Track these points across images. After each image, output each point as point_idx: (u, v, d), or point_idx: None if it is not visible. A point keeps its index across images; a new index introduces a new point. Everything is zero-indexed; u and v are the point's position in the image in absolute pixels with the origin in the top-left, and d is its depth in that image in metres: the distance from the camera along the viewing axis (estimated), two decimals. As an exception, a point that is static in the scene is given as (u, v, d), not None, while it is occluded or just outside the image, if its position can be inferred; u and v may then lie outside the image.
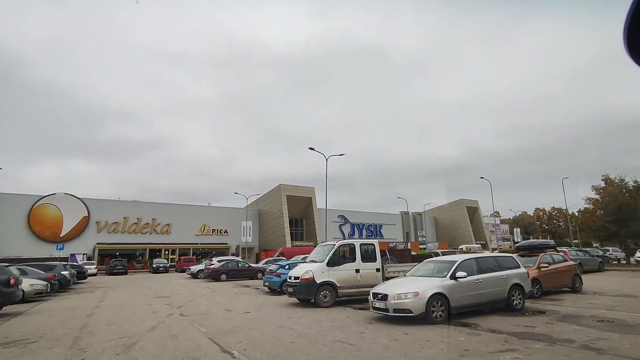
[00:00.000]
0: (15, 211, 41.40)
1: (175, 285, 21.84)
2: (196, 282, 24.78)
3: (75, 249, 43.27)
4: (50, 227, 42.70)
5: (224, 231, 55.25)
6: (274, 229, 56.38)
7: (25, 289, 13.82)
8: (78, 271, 24.70)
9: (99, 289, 19.83)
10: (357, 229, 65.64)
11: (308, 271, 10.85)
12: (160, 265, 37.88)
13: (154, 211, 49.91)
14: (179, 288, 19.81)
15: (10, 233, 40.68)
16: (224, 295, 14.97)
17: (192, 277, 28.78)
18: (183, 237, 51.00)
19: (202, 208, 55.31)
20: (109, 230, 46.30)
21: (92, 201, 46.13)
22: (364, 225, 66.75)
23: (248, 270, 25.81)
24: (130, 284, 23.46)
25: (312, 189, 60.19)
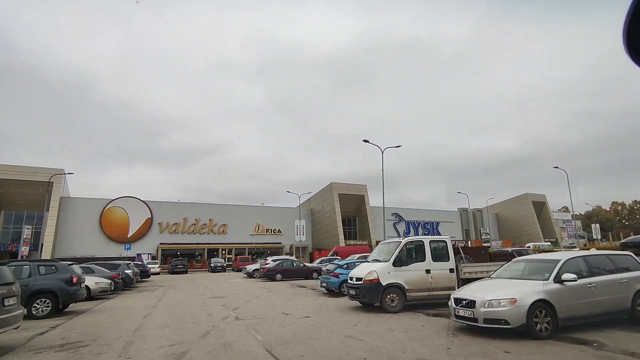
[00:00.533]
0: (89, 214, 44.65)
1: (231, 285, 21.71)
2: (252, 281, 24.58)
3: (141, 249, 45.74)
4: (119, 229, 45.53)
5: (278, 231, 55.58)
6: (327, 228, 55.73)
7: (91, 287, 14.11)
8: (141, 270, 25.58)
9: (160, 288, 20.17)
10: (413, 227, 63.00)
11: (372, 272, 9.66)
12: (217, 265, 38.68)
13: (211, 212, 51.44)
14: (235, 288, 19.56)
15: (85, 234, 43.93)
16: (280, 297, 14.25)
17: (248, 277, 28.76)
18: (238, 237, 52.03)
19: (256, 208, 56.12)
20: (170, 231, 48.44)
21: (154, 203, 48.53)
22: (420, 223, 63.89)
23: (303, 270, 25.15)
24: (189, 283, 23.79)
25: (364, 187, 58.73)
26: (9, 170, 40.07)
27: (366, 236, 57.17)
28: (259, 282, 23.27)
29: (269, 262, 26.65)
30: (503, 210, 75.30)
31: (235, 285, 21.22)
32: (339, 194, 55.37)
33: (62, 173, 42.38)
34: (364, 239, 56.68)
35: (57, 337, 7.38)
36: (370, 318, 8.73)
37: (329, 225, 55.34)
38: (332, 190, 55.35)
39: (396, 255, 9.87)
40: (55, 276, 10.17)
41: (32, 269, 10.11)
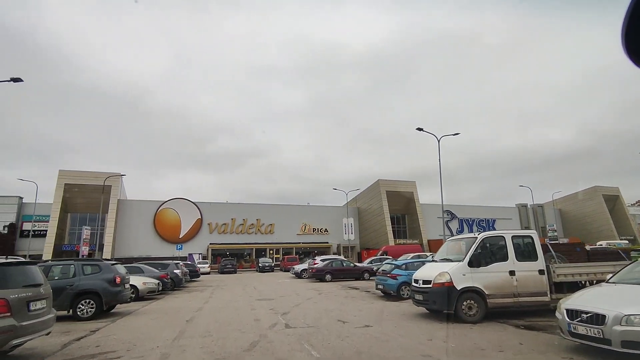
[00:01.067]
0: (144, 215, 46.45)
1: (279, 286, 20.88)
2: (300, 282, 23.65)
3: (192, 249, 46.84)
4: (171, 229, 46.95)
5: (324, 230, 54.65)
6: (375, 227, 53.88)
7: (139, 287, 13.77)
8: (191, 270, 25.59)
9: (208, 288, 19.79)
10: (467, 224, 59.30)
11: (443, 273, 8.10)
12: (265, 265, 38.41)
13: (258, 212, 51.62)
14: (283, 289, 18.66)
15: (141, 235, 45.74)
16: (332, 300, 13.03)
17: (296, 277, 27.93)
18: (285, 236, 51.76)
19: (302, 207, 55.57)
20: (219, 231, 49.20)
21: (204, 204, 49.54)
22: (474, 220, 59.99)
23: (354, 270, 23.80)
24: (237, 283, 23.36)
25: (413, 184, 56.17)
26: (72, 175, 42.64)
27: (416, 235, 54.60)
28: (308, 283, 22.27)
29: (318, 261, 25.61)
30: (568, 205, 68.93)
31: (284, 286, 20.35)
32: (386, 192, 53.31)
33: (117, 175, 44.44)
34: (414, 237, 54.16)
35: (92, 345, 6.67)
36: (445, 330, 7.20)
37: (377, 224, 53.45)
38: (379, 187, 53.42)
39: (472, 254, 8.23)
40: (99, 276, 9.69)
41: (77, 269, 9.71)
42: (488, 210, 61.90)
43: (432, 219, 56.31)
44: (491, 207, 63.12)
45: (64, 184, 42.12)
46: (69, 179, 42.41)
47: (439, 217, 59.14)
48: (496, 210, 62.68)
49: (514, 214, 64.46)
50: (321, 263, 24.88)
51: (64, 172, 42.73)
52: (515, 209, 65.14)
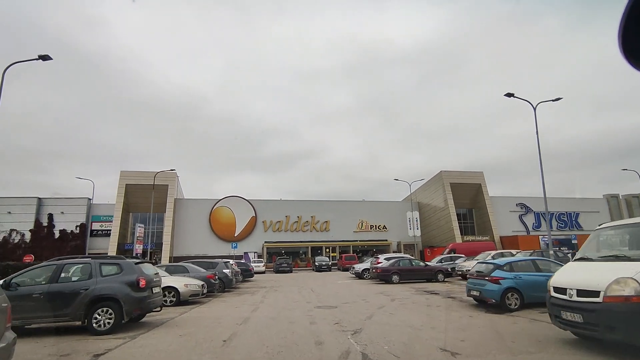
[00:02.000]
0: (200, 214, 46.41)
1: (340, 288, 18.23)
2: (363, 283, 20.84)
3: (247, 247, 45.96)
4: (226, 228, 46.44)
5: (383, 227, 51.23)
6: (438, 223, 49.40)
7: (181, 289, 11.85)
8: (244, 269, 23.87)
9: (261, 290, 17.68)
10: (544, 219, 52.33)
11: (626, 280, 4.85)
12: (322, 264, 36.09)
13: (313, 209, 49.59)
14: (346, 292, 15.98)
15: (197, 233, 45.73)
16: (414, 310, 10.06)
17: (357, 277, 25.17)
18: (341, 234, 49.18)
19: (359, 204, 52.61)
20: (273, 229, 47.87)
21: (258, 202, 48.52)
22: (554, 214, 52.79)
23: (424, 271, 20.45)
24: (292, 284, 21.13)
25: (480, 174, 50.78)
26: (132, 175, 43.59)
27: (485, 231, 49.18)
28: (372, 285, 19.38)
29: (382, 260, 22.61)
30: (673, 195, 58.78)
31: (346, 289, 17.66)
32: (450, 184, 48.62)
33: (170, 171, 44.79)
34: (484, 234, 48.79)
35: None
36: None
37: (441, 220, 48.94)
38: (442, 179, 48.87)
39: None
40: (119, 278, 7.65)
41: (94, 268, 7.74)
42: (570, 203, 54.29)
43: (503, 214, 50.59)
44: (573, 199, 55.33)
45: (125, 184, 43.16)
46: (129, 179, 43.39)
47: (512, 210, 53.28)
48: (579, 202, 54.85)
49: (602, 206, 56.17)
50: (385, 262, 21.85)
51: (125, 172, 43.83)
52: (602, 201, 56.78)
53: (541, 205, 52.60)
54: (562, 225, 52.55)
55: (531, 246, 44.22)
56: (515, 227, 50.97)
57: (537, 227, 51.74)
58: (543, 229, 51.47)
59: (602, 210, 55.47)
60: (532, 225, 51.76)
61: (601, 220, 44.03)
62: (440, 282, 19.84)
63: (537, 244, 44.21)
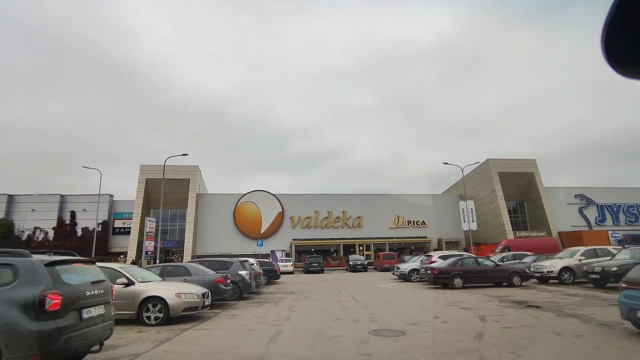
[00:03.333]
0: (224, 210, 43.41)
1: (389, 295, 14.16)
2: (415, 288, 16.64)
3: (274, 245, 42.58)
4: (252, 224, 43.23)
5: (421, 222, 46.46)
6: (485, 217, 43.99)
7: (170, 301, 8.19)
8: (268, 269, 20.21)
9: (287, 297, 13.87)
10: (609, 212, 45.88)
11: None
12: (357, 263, 32.01)
13: (344, 203, 45.55)
14: (401, 302, 11.91)
15: (221, 230, 42.74)
16: (547, 345, 5.86)
17: (402, 279, 20.98)
18: (376, 230, 44.86)
19: (394, 197, 47.96)
20: (302, 225, 44.23)
21: (284, 196, 45.03)
22: (620, 206, 46.20)
23: (495, 272, 15.95)
24: (327, 288, 17.23)
25: (532, 162, 44.97)
26: (152, 170, 41.12)
27: (540, 225, 43.37)
28: (428, 290, 15.17)
29: (436, 259, 18.28)
30: None
31: (398, 297, 13.56)
32: (498, 173, 43.18)
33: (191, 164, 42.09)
34: (538, 229, 43.00)
35: None
36: None
37: (488, 214, 43.58)
38: (489, 168, 43.50)
39: None
40: (5, 294, 3.96)
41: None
42: (637, 193, 47.34)
43: (560, 206, 44.52)
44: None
45: (145, 179, 40.78)
46: (149, 173, 40.97)
47: (570, 202, 46.97)
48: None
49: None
50: (441, 261, 17.55)
51: (145, 167, 41.47)
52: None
53: (604, 196, 46.34)
54: (632, 220, 45.84)
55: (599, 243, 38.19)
56: (574, 221, 44.82)
57: (600, 222, 45.29)
58: (608, 224, 45.04)
59: (676, 201, 48.15)
60: (594, 219, 45.38)
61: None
62: (517, 287, 15.32)
63: (606, 241, 38.15)
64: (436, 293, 14.27)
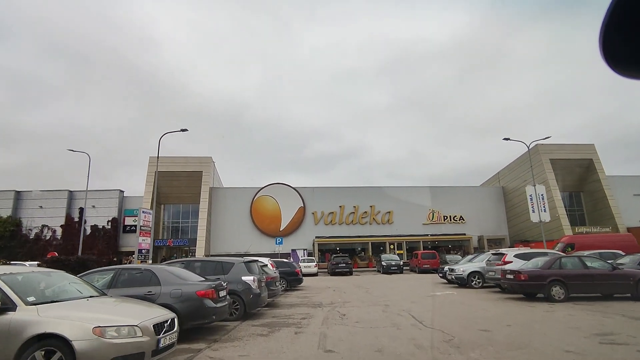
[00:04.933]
0: (240, 205, 39.56)
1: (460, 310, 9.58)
2: (488, 299, 11.97)
3: (295, 243, 38.41)
4: (270, 220, 39.20)
5: (459, 218, 41.26)
6: (533, 212, 38.33)
7: (79, 346, 3.93)
8: (288, 272, 15.92)
9: (315, 315, 9.50)
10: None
11: None
12: (391, 264, 27.38)
13: (371, 197, 40.86)
14: (494, 326, 7.32)
15: (237, 227, 38.88)
16: None
17: (454, 284, 16.32)
18: (408, 227, 39.96)
19: (428, 190, 42.84)
20: (325, 221, 39.85)
21: (306, 190, 40.76)
22: (698, 198, 39.52)
23: (612, 279, 11.05)
24: (365, 298, 12.77)
25: (590, 147, 38.98)
26: (162, 162, 37.68)
27: (602, 220, 37.38)
28: (512, 303, 10.48)
29: (511, 258, 13.51)
30: None
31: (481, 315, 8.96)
32: (550, 160, 37.53)
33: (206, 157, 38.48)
34: (599, 223, 37.04)
35: None
36: None
37: (539, 207, 37.89)
38: (539, 155, 37.85)
39: None
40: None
41: None
42: None
43: (623, 198, 38.33)
44: None
45: (155, 172, 37.32)
46: (160, 166, 37.47)
47: (637, 194, 40.67)
48: None
49: None
50: (519, 262, 12.80)
51: (155, 159, 37.98)
52: None
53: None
54: None
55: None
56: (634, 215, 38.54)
57: (673, 216, 38.77)
58: (683, 218, 38.54)
59: None
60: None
61: None
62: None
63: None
64: (533, 309, 9.59)
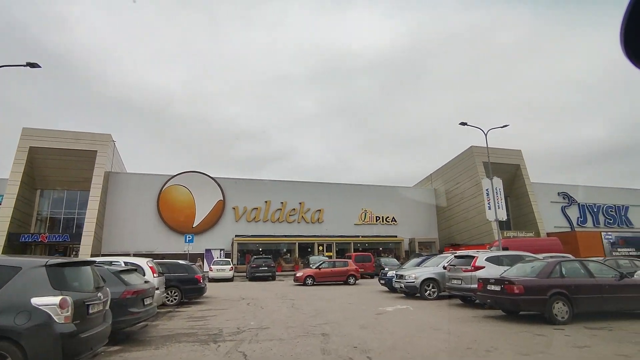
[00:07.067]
0: (146, 194, 32.81)
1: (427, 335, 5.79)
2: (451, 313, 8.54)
3: (211, 242, 32.89)
4: (182, 215, 33.07)
5: (392, 219, 39.24)
6: (466, 215, 37.77)
7: None
8: (182, 279, 11.07)
9: None
10: (590, 212, 41.86)
11: None
12: (321, 267, 23.54)
13: (301, 193, 36.93)
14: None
15: (140, 222, 32.12)
16: None
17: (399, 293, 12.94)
18: (339, 227, 36.80)
19: (362, 188, 40.30)
20: (248, 218, 34.91)
21: (227, 181, 35.40)
22: (600, 207, 42.43)
23: (622, 292, 8.22)
24: (288, 319, 8.50)
25: (517, 153, 39.61)
26: (40, 136, 29.60)
27: (525, 225, 37.99)
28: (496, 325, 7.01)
29: (483, 263, 10.31)
30: None
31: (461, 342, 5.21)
32: (483, 163, 37.21)
33: (103, 134, 31.27)
34: (524, 228, 37.55)
35: None
36: None
37: (470, 210, 37.37)
38: (473, 158, 37.36)
39: None
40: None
41: None
42: (617, 194, 44.08)
43: (543, 205, 39.53)
44: (621, 188, 45.25)
45: (29, 147, 29.12)
46: (37, 140, 29.40)
47: (553, 201, 42.33)
48: (629, 194, 44.77)
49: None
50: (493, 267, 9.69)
51: (29, 130, 29.70)
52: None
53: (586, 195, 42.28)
54: (610, 221, 42.20)
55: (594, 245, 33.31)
56: (556, 220, 40.17)
57: (582, 223, 41.06)
58: (589, 225, 40.97)
59: (650, 203, 45.68)
60: (576, 219, 41.03)
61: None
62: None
63: (599, 243, 33.37)
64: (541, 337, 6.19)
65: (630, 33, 1.13)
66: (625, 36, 1.13)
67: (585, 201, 42.08)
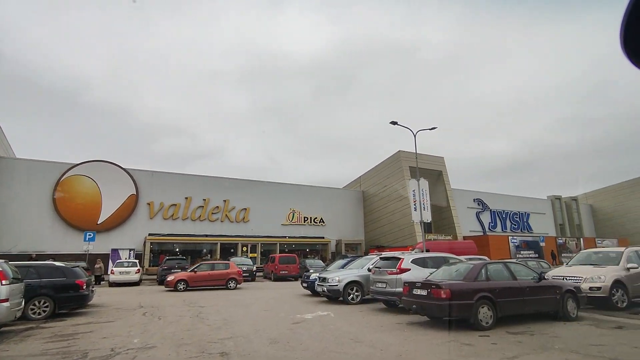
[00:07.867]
0: (40, 184, 28.02)
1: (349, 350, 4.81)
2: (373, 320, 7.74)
3: (120, 241, 29.16)
4: (85, 209, 28.78)
5: (320, 220, 38.68)
6: (391, 217, 38.59)
7: None
8: (57, 286, 8.85)
9: None
10: (499, 218, 45.68)
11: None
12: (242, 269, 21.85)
13: (228, 190, 34.60)
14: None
15: (31, 216, 27.33)
16: None
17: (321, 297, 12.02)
18: (265, 227, 35.20)
19: (290, 188, 39.14)
20: (165, 215, 31.68)
21: (142, 173, 31.79)
22: (508, 213, 46.56)
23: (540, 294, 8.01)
24: (185, 333, 6.92)
25: (440, 160, 41.54)
26: None
27: (444, 228, 39.95)
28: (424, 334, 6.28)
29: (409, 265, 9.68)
30: (601, 200, 58.13)
31: None
32: (409, 168, 38.40)
33: None
34: (443, 232, 39.47)
35: None
36: None
37: (396, 213, 38.22)
38: (400, 162, 38.29)
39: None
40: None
41: None
42: (522, 202, 48.78)
43: (461, 210, 42.12)
44: (524, 197, 50.08)
45: None
46: None
47: (469, 206, 45.31)
48: (529, 202, 49.82)
49: (548, 207, 52.24)
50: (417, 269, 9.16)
51: None
52: (548, 202, 52.91)
53: (497, 202, 46.02)
54: (515, 227, 46.45)
55: (503, 248, 36.20)
56: (471, 225, 43.06)
57: (493, 227, 44.56)
58: (498, 230, 44.65)
59: (547, 212, 51.39)
60: (488, 224, 44.41)
61: (547, 221, 37.79)
62: (575, 321, 7.77)
63: (506, 246, 36.33)
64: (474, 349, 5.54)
65: (630, 33, 1.12)
66: (625, 36, 1.12)
67: (495, 208, 45.75)
